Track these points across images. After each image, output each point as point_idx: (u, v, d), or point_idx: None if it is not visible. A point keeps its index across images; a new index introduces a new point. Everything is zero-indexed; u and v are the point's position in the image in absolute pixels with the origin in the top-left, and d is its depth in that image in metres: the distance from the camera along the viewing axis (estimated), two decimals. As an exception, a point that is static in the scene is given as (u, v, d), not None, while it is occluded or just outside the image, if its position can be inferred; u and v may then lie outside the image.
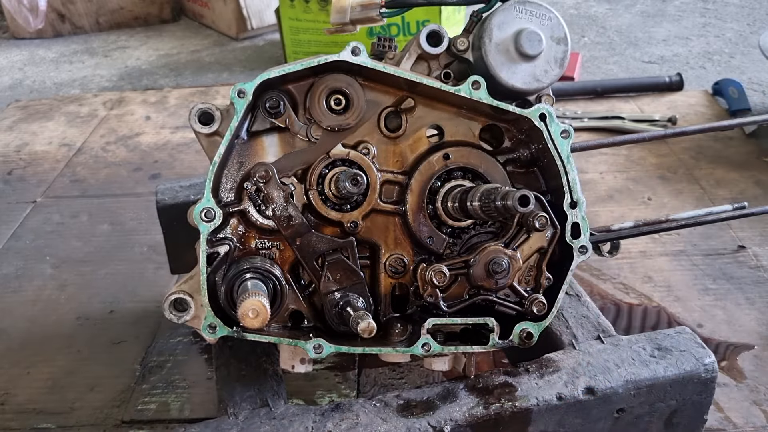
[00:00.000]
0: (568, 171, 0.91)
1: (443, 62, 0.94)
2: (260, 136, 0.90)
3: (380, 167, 0.93)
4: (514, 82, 0.90)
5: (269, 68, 0.87)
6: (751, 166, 2.00)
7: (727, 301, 1.47)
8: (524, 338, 0.90)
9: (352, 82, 0.90)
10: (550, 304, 0.92)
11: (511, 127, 0.96)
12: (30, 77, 3.26)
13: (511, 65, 0.90)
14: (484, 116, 0.95)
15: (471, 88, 0.88)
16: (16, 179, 2.21)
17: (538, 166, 0.96)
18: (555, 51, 0.91)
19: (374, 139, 0.93)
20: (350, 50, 0.86)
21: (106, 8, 3.85)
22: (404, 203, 0.93)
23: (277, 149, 0.91)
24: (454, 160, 0.93)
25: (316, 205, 0.91)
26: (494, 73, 0.90)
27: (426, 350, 0.89)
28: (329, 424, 0.86)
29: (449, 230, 0.94)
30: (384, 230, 0.94)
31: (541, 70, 0.91)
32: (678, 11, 3.57)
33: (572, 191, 0.91)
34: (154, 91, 2.87)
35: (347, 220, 0.91)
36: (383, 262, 0.94)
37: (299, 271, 0.93)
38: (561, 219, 0.92)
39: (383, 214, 0.93)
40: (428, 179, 0.93)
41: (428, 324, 0.89)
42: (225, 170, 0.89)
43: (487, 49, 0.89)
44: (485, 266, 0.89)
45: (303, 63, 0.86)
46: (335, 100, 0.91)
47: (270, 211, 0.88)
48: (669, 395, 0.93)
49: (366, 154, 0.92)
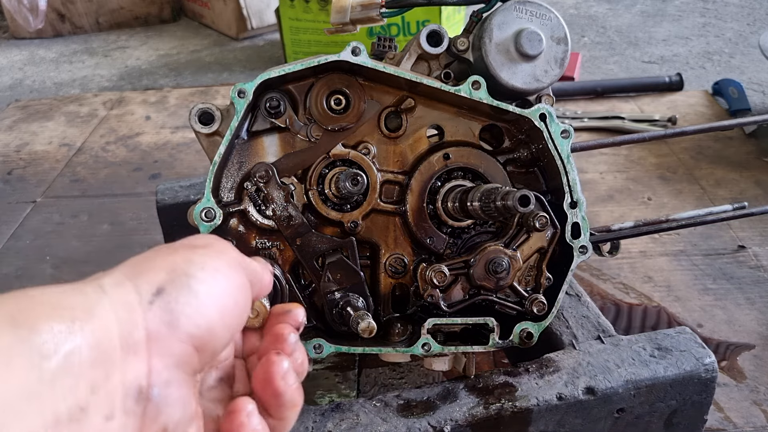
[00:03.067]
0: (568, 171, 0.91)
1: (443, 62, 0.94)
2: (260, 136, 0.90)
3: (380, 167, 0.93)
4: (514, 82, 0.90)
5: (269, 68, 0.86)
6: (751, 166, 2.00)
7: (727, 301, 1.47)
8: (524, 338, 0.90)
9: (353, 83, 0.90)
10: (550, 304, 0.91)
11: (511, 127, 0.96)
12: (30, 77, 3.26)
13: (512, 65, 0.90)
14: (485, 116, 0.95)
15: (471, 88, 0.88)
16: (16, 179, 2.21)
17: (538, 166, 0.96)
18: (555, 51, 0.91)
19: (374, 139, 0.93)
20: (350, 50, 0.86)
21: (106, 8, 3.85)
22: (404, 203, 0.93)
23: (277, 149, 0.91)
24: (455, 160, 0.93)
25: (316, 205, 0.91)
26: (494, 73, 0.90)
27: (426, 350, 0.89)
28: (329, 423, 0.86)
29: (449, 230, 0.94)
30: (384, 230, 0.94)
31: (541, 70, 0.90)
32: (678, 11, 3.57)
33: (572, 191, 0.91)
34: (154, 91, 2.87)
35: (347, 220, 0.91)
36: (383, 262, 0.94)
37: (299, 270, 0.92)
38: (561, 219, 0.92)
39: (383, 214, 0.93)
40: (428, 179, 0.93)
41: (428, 324, 0.89)
42: (225, 170, 0.89)
43: (487, 49, 0.89)
44: (485, 266, 0.89)
45: (303, 63, 0.86)
46: (335, 100, 0.90)
47: (270, 211, 0.88)
48: (669, 395, 0.93)
49: (366, 154, 0.92)
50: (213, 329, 0.51)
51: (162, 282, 0.49)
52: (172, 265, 0.51)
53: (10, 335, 0.40)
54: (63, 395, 0.41)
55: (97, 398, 0.43)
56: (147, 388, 0.46)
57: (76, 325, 0.43)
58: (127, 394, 0.45)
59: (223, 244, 0.58)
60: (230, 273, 0.55)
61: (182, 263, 0.52)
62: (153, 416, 0.47)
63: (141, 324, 0.47)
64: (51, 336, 0.41)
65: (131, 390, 0.45)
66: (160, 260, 0.52)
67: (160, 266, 0.51)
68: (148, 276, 0.49)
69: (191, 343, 0.50)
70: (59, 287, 0.46)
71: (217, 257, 0.55)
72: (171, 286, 0.49)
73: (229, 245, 0.59)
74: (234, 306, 0.54)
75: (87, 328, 0.43)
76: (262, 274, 0.62)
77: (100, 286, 0.48)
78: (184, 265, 0.52)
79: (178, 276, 0.50)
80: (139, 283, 0.49)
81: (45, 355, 0.40)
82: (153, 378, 0.47)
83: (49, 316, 0.42)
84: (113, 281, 0.48)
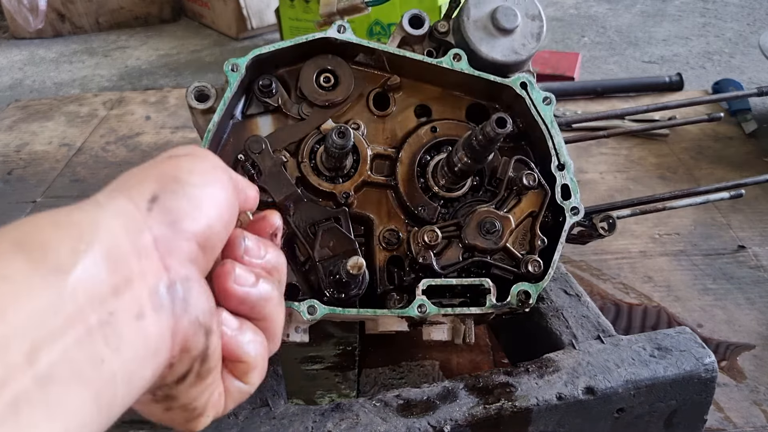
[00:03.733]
0: (553, 135, 0.94)
1: (426, 47, 1.00)
2: (255, 118, 0.95)
3: (370, 143, 0.97)
4: (494, 55, 0.94)
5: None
6: (751, 166, 2.00)
7: (727, 301, 1.47)
8: (522, 299, 0.90)
9: (341, 62, 0.95)
10: (546, 266, 0.92)
11: (496, 105, 1.00)
12: (30, 77, 3.26)
13: (490, 39, 0.94)
14: (470, 94, 0.99)
15: (452, 60, 0.92)
16: (16, 179, 2.21)
17: (527, 141, 1.00)
18: (531, 26, 0.96)
19: (363, 117, 0.97)
20: (336, 28, 0.91)
21: (106, 8, 3.85)
22: (395, 175, 0.95)
23: (270, 128, 0.95)
24: (442, 133, 0.97)
25: (308, 177, 0.93)
26: (474, 48, 0.94)
27: (422, 312, 0.88)
28: (329, 423, 0.86)
29: (441, 201, 0.96)
30: (377, 204, 0.96)
31: (518, 43, 0.95)
32: (678, 11, 3.57)
33: (559, 154, 0.94)
34: (154, 91, 2.87)
35: (339, 191, 0.93)
36: (377, 236, 0.95)
37: (294, 246, 0.94)
38: (551, 184, 0.94)
39: (375, 186, 0.96)
40: (417, 150, 0.96)
41: (423, 285, 0.89)
42: (220, 149, 0.92)
43: (465, 26, 0.94)
44: (477, 227, 0.91)
45: (293, 41, 0.90)
46: (324, 78, 0.95)
47: (263, 182, 0.90)
48: (669, 395, 0.93)
49: (356, 129, 0.96)
50: (213, 226, 0.53)
51: (154, 190, 0.51)
52: (161, 174, 0.53)
53: (22, 260, 0.40)
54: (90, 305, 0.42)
55: (122, 302, 0.44)
56: (170, 285, 0.48)
57: (85, 237, 0.44)
58: (152, 292, 0.46)
59: (204, 151, 0.60)
60: (217, 173, 0.57)
61: (170, 170, 0.53)
62: (182, 310, 0.48)
63: (145, 228, 0.48)
64: (64, 251, 0.42)
65: (155, 288, 0.47)
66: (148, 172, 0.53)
67: (149, 177, 0.52)
68: (140, 187, 0.51)
69: (196, 241, 0.51)
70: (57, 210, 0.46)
71: (201, 161, 0.57)
72: (163, 192, 0.51)
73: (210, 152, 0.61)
74: (226, 201, 0.56)
75: (96, 240, 0.44)
76: (245, 184, 0.65)
77: (97, 202, 0.49)
78: (172, 171, 0.53)
79: (168, 182, 0.52)
80: (132, 194, 0.50)
81: (63, 271, 0.41)
82: (172, 274, 0.48)
83: (57, 235, 0.43)
84: (106, 197, 0.50)
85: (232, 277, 0.56)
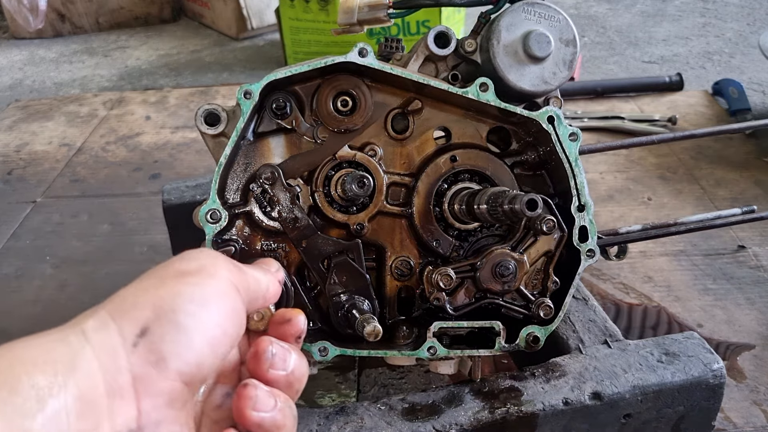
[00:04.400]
0: (576, 174, 0.91)
1: (451, 64, 0.93)
2: (266, 138, 0.90)
3: (387, 169, 0.92)
4: (522, 84, 0.89)
5: (275, 69, 0.86)
6: (751, 166, 2.00)
7: (727, 301, 1.47)
8: (531, 342, 0.89)
9: (359, 84, 0.90)
10: (557, 307, 0.90)
11: (519, 130, 0.95)
12: (30, 77, 3.26)
13: (520, 67, 0.89)
14: (492, 118, 0.94)
15: (479, 90, 0.87)
16: (16, 179, 2.21)
17: (545, 169, 0.96)
18: (564, 53, 0.90)
19: (381, 140, 0.92)
20: (357, 51, 0.85)
21: (106, 8, 3.85)
22: (411, 205, 0.92)
23: (283, 150, 0.90)
24: (462, 162, 0.92)
25: (322, 207, 0.90)
26: (502, 75, 0.89)
27: (432, 353, 0.88)
28: (333, 427, 0.86)
29: (456, 233, 0.93)
30: (390, 232, 0.93)
31: (549, 72, 0.90)
32: (678, 11, 3.57)
33: (580, 194, 0.91)
34: (154, 91, 2.87)
35: (353, 223, 0.90)
36: (389, 265, 0.93)
37: (305, 272, 0.92)
38: (568, 222, 0.91)
39: (390, 216, 0.93)
40: (435, 181, 0.92)
41: (434, 327, 0.88)
42: (231, 171, 0.89)
43: (495, 51, 0.88)
44: (492, 269, 0.88)
45: (310, 64, 0.85)
46: (342, 101, 0.90)
47: (276, 213, 0.87)
48: (677, 401, 0.92)
49: (372, 155, 0.91)
50: (202, 363, 0.51)
51: (147, 321, 0.49)
52: (159, 301, 0.51)
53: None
54: None
55: None
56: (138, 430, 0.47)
57: (59, 378, 0.43)
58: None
59: (216, 266, 0.57)
60: (221, 301, 0.54)
61: (169, 298, 0.51)
62: None
63: (125, 368, 0.47)
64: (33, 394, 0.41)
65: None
66: (147, 296, 0.51)
67: (146, 303, 0.50)
68: (133, 315, 0.49)
69: (180, 380, 0.50)
70: (43, 337, 0.46)
71: (207, 284, 0.54)
72: (156, 324, 0.49)
73: (224, 264, 0.58)
74: (223, 336, 0.54)
75: (71, 381, 0.43)
76: (265, 287, 0.62)
77: (83, 331, 0.48)
78: (170, 299, 0.51)
79: (164, 313, 0.50)
80: (122, 324, 0.49)
81: (28, 415, 0.40)
82: (142, 420, 0.47)
83: (30, 373, 0.42)
84: (96, 324, 0.48)
85: (252, 402, 0.54)
